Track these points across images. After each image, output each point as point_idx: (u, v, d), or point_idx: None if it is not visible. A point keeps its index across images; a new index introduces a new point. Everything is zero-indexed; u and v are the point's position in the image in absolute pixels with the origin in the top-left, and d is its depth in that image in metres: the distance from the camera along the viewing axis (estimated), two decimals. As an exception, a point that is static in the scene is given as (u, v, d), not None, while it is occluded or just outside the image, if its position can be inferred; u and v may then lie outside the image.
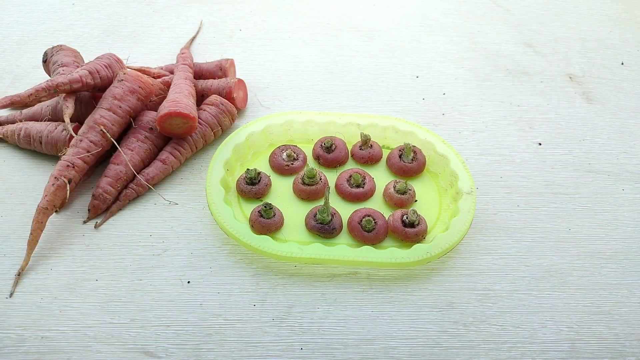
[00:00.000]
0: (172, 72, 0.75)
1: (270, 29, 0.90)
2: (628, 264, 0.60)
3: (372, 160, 0.67)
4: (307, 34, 0.89)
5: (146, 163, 0.66)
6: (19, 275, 0.57)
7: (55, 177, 0.59)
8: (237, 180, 0.64)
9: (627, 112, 0.77)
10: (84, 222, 0.62)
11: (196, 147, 0.68)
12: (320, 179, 0.63)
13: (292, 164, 0.66)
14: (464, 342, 0.53)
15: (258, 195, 0.63)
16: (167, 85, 0.71)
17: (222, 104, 0.69)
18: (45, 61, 0.73)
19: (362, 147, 0.67)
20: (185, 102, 0.65)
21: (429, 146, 0.66)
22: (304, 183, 0.63)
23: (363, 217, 0.59)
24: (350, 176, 0.64)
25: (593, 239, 0.62)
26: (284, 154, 0.66)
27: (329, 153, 0.66)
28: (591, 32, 0.91)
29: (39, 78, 0.77)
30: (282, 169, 0.66)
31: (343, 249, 0.56)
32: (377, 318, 0.55)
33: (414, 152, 0.66)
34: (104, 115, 0.63)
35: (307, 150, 0.68)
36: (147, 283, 0.57)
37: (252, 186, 0.63)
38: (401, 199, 0.62)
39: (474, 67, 0.84)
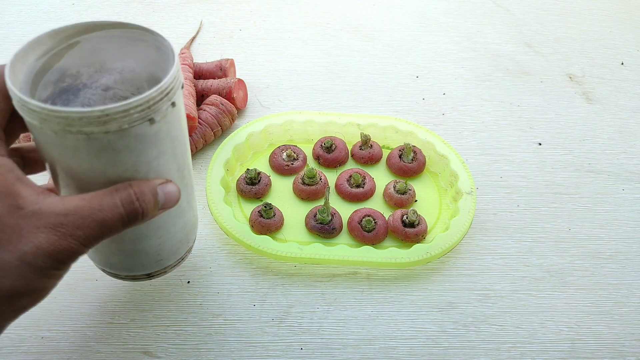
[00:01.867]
0: (172, 72, 0.75)
1: (270, 29, 0.90)
2: (628, 264, 0.60)
3: (372, 160, 0.67)
4: (307, 34, 0.89)
5: (146, 163, 0.66)
6: (19, 275, 0.57)
7: (55, 177, 0.59)
8: (237, 180, 0.64)
9: (627, 112, 0.77)
10: (84, 222, 0.62)
11: (196, 147, 0.68)
12: (320, 179, 0.63)
13: (292, 164, 0.66)
14: (464, 342, 0.53)
15: (258, 195, 0.63)
16: (167, 85, 0.71)
17: (222, 104, 0.69)
18: (45, 61, 0.73)
19: (362, 147, 0.67)
20: (185, 102, 0.65)
21: (429, 146, 0.66)
22: (304, 183, 0.63)
23: (363, 217, 0.59)
24: (350, 176, 0.64)
25: (593, 239, 0.62)
26: (284, 154, 0.66)
27: (329, 153, 0.66)
28: (591, 32, 0.91)
29: (39, 78, 0.77)
30: (282, 169, 0.66)
31: (343, 249, 0.56)
32: (377, 318, 0.55)
33: (414, 152, 0.66)
34: (104, 115, 0.63)
35: (307, 150, 0.68)
36: (147, 283, 0.57)
37: (252, 186, 0.63)
38: (401, 199, 0.62)
39: (474, 67, 0.84)
